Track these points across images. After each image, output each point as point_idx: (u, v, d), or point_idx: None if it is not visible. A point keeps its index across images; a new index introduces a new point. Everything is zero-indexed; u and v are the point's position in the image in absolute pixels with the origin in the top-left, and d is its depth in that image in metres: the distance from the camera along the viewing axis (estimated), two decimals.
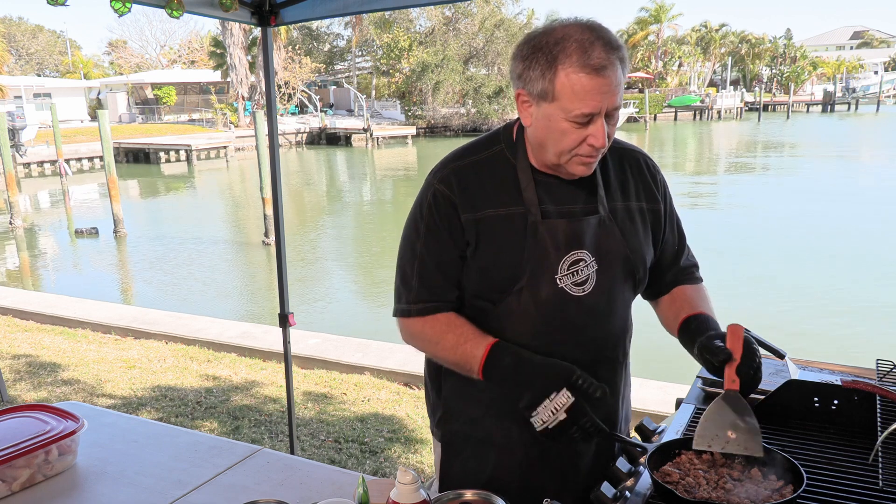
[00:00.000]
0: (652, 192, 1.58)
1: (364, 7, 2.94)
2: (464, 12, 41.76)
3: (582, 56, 1.30)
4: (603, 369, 1.52)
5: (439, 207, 1.47)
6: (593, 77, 1.30)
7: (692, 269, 1.68)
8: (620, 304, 1.53)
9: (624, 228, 1.50)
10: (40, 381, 5.29)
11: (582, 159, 1.40)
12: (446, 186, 1.48)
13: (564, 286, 1.44)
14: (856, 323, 8.40)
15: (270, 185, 3.47)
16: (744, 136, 40.27)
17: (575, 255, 1.45)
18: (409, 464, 3.91)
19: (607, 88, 1.32)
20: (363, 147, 37.41)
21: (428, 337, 1.53)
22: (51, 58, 65.46)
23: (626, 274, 1.51)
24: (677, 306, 1.60)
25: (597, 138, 1.35)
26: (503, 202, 1.46)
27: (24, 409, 1.81)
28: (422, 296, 1.51)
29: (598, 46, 1.31)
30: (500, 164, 1.50)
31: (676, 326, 1.55)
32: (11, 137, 21.76)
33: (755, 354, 1.35)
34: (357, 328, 6.65)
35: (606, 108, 1.34)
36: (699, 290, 1.65)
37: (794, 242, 12.92)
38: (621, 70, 1.34)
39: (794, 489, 1.22)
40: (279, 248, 3.44)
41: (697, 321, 1.51)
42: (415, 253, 1.51)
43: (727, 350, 1.34)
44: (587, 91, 1.31)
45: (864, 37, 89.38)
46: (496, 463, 1.55)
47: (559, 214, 1.46)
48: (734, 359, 1.33)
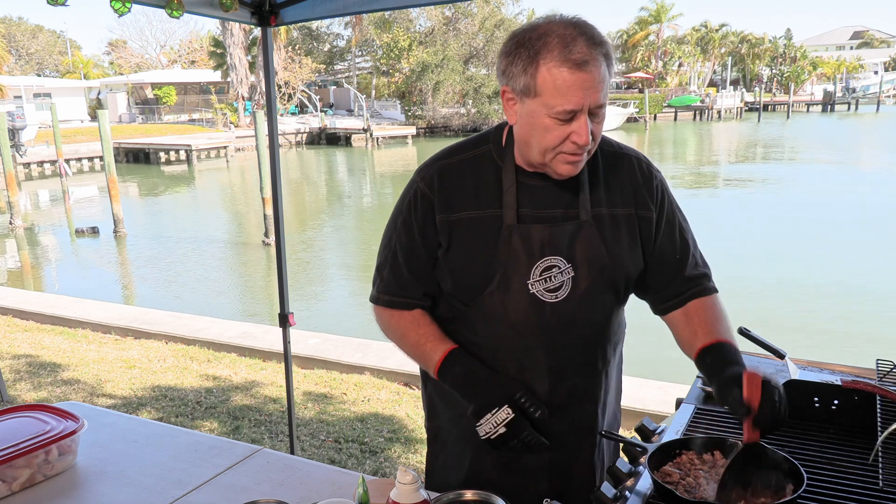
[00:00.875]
0: (643, 198, 1.51)
1: (364, 7, 2.94)
2: (464, 12, 41.76)
3: (563, 51, 1.28)
4: (577, 376, 1.51)
5: (417, 206, 1.50)
6: (574, 72, 1.28)
7: (702, 281, 1.56)
8: (600, 311, 1.50)
9: (606, 235, 1.46)
10: (40, 381, 5.28)
11: (566, 157, 1.37)
12: (427, 185, 1.50)
13: (536, 292, 1.43)
14: (856, 323, 8.39)
15: (270, 185, 3.46)
16: (744, 136, 40.25)
17: (548, 261, 1.43)
18: (409, 464, 3.91)
19: (589, 84, 1.30)
20: (363, 147, 37.40)
21: (393, 330, 1.60)
22: (51, 58, 65.46)
23: (605, 282, 1.47)
24: (691, 330, 1.51)
25: (580, 136, 1.32)
26: (481, 204, 1.46)
27: (24, 409, 1.80)
28: (390, 289, 1.57)
29: (581, 41, 1.29)
30: (485, 164, 1.49)
31: (693, 355, 1.48)
32: (11, 137, 21.75)
33: (774, 404, 1.25)
34: (357, 328, 6.64)
35: (589, 104, 1.31)
36: (712, 306, 1.54)
37: (794, 242, 12.92)
38: (606, 67, 1.32)
39: (795, 489, 1.22)
40: (279, 248, 3.44)
41: (713, 354, 1.44)
42: (390, 245, 1.56)
43: (745, 406, 1.25)
44: (568, 86, 1.29)
45: (864, 37, 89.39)
46: (472, 459, 1.56)
47: (536, 219, 1.44)
48: (753, 411, 1.26)
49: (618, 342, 1.60)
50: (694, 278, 1.56)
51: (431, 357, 1.50)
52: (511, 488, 1.49)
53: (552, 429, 1.47)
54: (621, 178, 1.51)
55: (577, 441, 1.56)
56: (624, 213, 1.49)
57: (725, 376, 1.34)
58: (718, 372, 1.38)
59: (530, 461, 1.53)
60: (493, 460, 1.54)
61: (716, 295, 1.57)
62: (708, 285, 1.57)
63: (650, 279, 1.55)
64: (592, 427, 1.57)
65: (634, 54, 60.11)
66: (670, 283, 1.56)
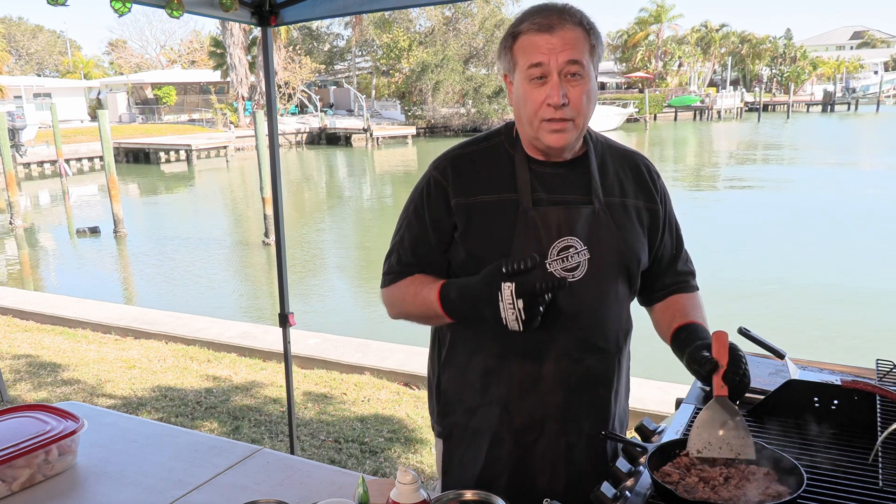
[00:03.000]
0: (651, 193, 1.59)
1: (364, 7, 2.94)
2: (464, 12, 41.76)
3: (533, 22, 1.40)
4: (593, 359, 1.52)
5: (430, 194, 1.54)
6: (541, 34, 1.38)
7: (688, 277, 1.68)
8: (613, 296, 1.53)
9: (619, 222, 1.51)
10: (40, 382, 5.29)
11: (549, 125, 1.42)
12: (441, 174, 1.54)
13: (553, 271, 1.46)
14: (856, 323, 8.39)
15: (270, 184, 3.47)
16: (744, 136, 40.26)
17: (565, 241, 1.46)
18: (409, 464, 3.91)
19: (557, 43, 1.37)
20: (363, 147, 37.40)
21: (396, 297, 1.59)
22: (51, 58, 65.45)
23: (619, 267, 1.52)
24: (670, 315, 1.61)
25: (552, 97, 1.38)
26: (496, 189, 1.50)
27: (24, 409, 1.81)
28: (393, 269, 1.59)
29: (551, 11, 1.40)
30: (498, 154, 1.54)
31: (669, 335, 1.57)
32: (11, 137, 21.73)
33: (741, 360, 1.35)
34: (357, 328, 6.65)
35: (560, 62, 1.38)
36: (693, 298, 1.65)
37: (794, 242, 12.91)
38: (583, 33, 1.40)
39: (795, 489, 1.22)
40: (279, 248, 3.44)
41: (687, 331, 1.52)
42: (400, 232, 1.60)
43: (713, 360, 1.34)
44: (535, 45, 1.39)
45: (864, 37, 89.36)
46: (488, 454, 1.56)
47: (551, 202, 1.48)
48: (721, 366, 1.34)
49: (628, 332, 1.61)
50: (682, 273, 1.67)
51: (431, 299, 1.48)
52: (527, 479, 1.51)
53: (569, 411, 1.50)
54: (630, 174, 1.58)
55: (591, 427, 1.55)
56: (633, 203, 1.55)
57: (696, 344, 1.44)
58: (690, 343, 1.46)
59: (546, 451, 1.53)
60: (509, 452, 1.54)
61: (698, 292, 1.69)
62: (692, 283, 1.69)
63: (650, 272, 1.63)
64: (606, 414, 1.57)
65: (634, 54, 60.09)
66: (663, 275, 1.65)
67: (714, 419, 1.33)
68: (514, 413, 1.52)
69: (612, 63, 63.70)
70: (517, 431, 1.53)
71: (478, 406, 1.56)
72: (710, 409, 1.35)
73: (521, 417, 1.52)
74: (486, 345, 1.52)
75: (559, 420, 1.51)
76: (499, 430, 1.54)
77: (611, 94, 54.39)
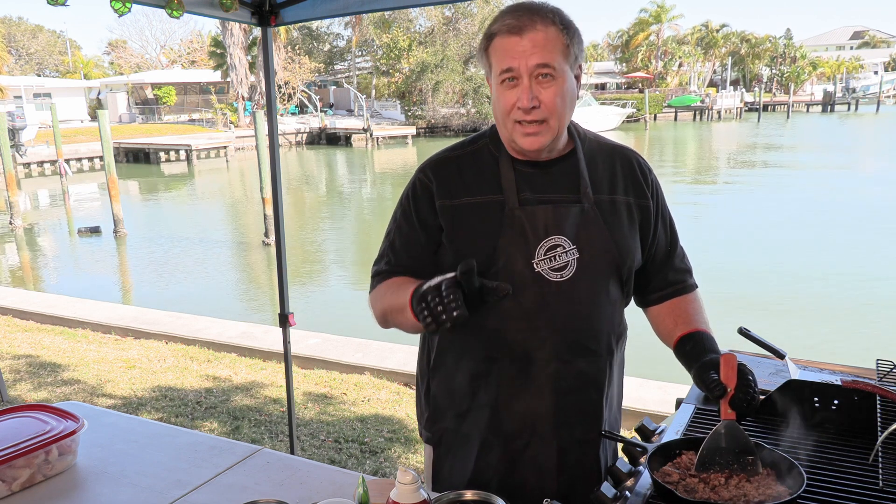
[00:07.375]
0: (641, 189, 1.56)
1: (364, 7, 2.94)
2: (464, 12, 41.73)
3: (504, 23, 1.41)
4: (584, 362, 1.50)
5: (416, 196, 1.55)
6: (510, 37, 1.39)
7: (685, 276, 1.65)
8: (605, 297, 1.51)
9: (608, 220, 1.50)
10: (41, 382, 5.29)
11: (522, 129, 1.43)
12: (425, 176, 1.55)
13: (541, 270, 1.45)
14: (856, 323, 8.39)
15: (270, 185, 3.47)
16: (744, 136, 40.24)
17: (552, 240, 1.46)
18: (409, 464, 3.91)
19: (526, 46, 1.37)
20: (363, 147, 37.39)
21: (378, 297, 1.57)
22: (51, 58, 65.41)
23: (610, 266, 1.50)
24: (672, 321, 1.59)
25: (521, 100, 1.39)
26: (482, 191, 1.50)
27: (24, 409, 1.80)
28: (381, 270, 1.59)
29: (523, 12, 1.39)
30: (483, 157, 1.55)
31: (672, 343, 1.56)
32: (11, 137, 21.76)
33: (749, 384, 1.33)
34: (357, 328, 6.62)
35: (529, 66, 1.38)
36: (693, 300, 1.63)
37: (794, 242, 12.91)
38: (557, 35, 1.39)
39: (795, 489, 1.22)
40: (279, 248, 3.44)
41: (693, 341, 1.50)
42: (390, 236, 1.61)
43: (721, 385, 1.33)
44: (505, 49, 1.40)
45: (864, 37, 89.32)
46: (477, 459, 1.56)
47: (539, 202, 1.48)
48: (729, 391, 1.33)
49: (621, 336, 1.59)
50: (678, 271, 1.64)
51: (405, 300, 1.35)
52: (518, 486, 1.50)
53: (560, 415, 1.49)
54: (619, 170, 1.56)
55: (583, 432, 1.54)
56: (623, 200, 1.54)
57: (704, 361, 1.42)
58: (697, 358, 1.45)
59: (537, 456, 1.53)
60: (499, 457, 1.54)
61: (697, 291, 1.66)
62: (690, 282, 1.66)
63: (642, 268, 1.60)
64: (597, 418, 1.55)
65: (635, 54, 60.11)
66: (659, 273, 1.62)
67: (722, 445, 1.33)
68: (503, 416, 1.51)
69: (612, 63, 63.75)
70: (507, 436, 1.52)
71: (467, 410, 1.54)
72: (718, 434, 1.33)
73: (511, 421, 1.51)
74: (474, 348, 1.51)
75: (549, 424, 1.50)
76: (488, 434, 1.53)
77: (611, 95, 54.44)
